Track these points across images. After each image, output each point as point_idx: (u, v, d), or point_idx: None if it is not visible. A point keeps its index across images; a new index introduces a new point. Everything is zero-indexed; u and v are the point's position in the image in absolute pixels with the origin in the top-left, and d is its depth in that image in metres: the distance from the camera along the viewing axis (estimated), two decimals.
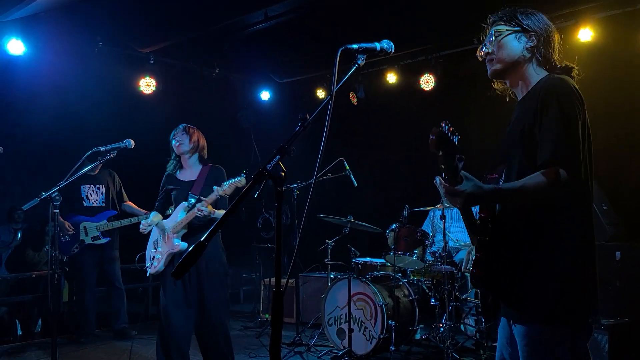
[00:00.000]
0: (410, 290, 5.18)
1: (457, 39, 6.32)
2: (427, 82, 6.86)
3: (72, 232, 5.51)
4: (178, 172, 4.09)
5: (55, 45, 6.36)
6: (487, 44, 2.06)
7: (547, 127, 1.84)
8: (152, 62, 6.94)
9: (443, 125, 1.69)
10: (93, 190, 5.71)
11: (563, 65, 2.08)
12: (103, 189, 5.81)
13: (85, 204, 5.67)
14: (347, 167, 5.49)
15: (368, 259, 5.86)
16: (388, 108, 7.61)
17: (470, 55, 6.25)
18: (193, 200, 3.84)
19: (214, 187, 3.75)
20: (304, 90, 8.41)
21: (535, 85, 2.00)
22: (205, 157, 4.14)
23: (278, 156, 1.67)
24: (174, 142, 4.01)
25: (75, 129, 7.64)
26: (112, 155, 3.77)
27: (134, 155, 4.40)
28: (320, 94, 8.06)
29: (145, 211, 5.64)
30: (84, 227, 5.59)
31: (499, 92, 2.19)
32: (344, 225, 5.45)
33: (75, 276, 5.87)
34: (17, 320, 5.92)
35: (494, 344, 4.47)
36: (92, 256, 5.68)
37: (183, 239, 3.88)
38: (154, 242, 4.05)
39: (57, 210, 3.51)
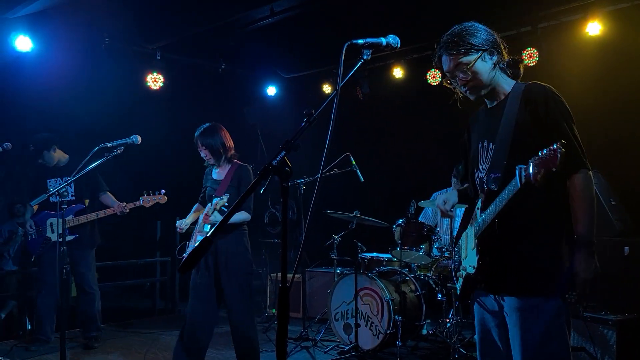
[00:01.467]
0: (417, 286, 5.18)
1: None
2: (434, 77, 6.84)
3: (33, 230, 5.18)
4: (215, 168, 4.15)
5: (63, 42, 6.39)
6: (460, 75, 2.22)
7: (565, 133, 2.09)
8: (158, 57, 6.95)
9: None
10: (60, 183, 5.08)
11: (510, 59, 2.31)
12: (62, 181, 5.16)
13: (52, 199, 5.12)
14: (354, 162, 5.49)
15: (374, 254, 5.86)
16: (394, 103, 7.59)
17: None
18: (213, 202, 3.89)
19: (214, 200, 3.79)
20: (310, 85, 8.40)
21: (513, 92, 2.23)
22: (231, 155, 4.12)
23: (284, 152, 1.67)
24: (203, 154, 4.07)
25: (82, 125, 7.68)
26: (119, 151, 3.76)
27: (141, 151, 4.41)
28: (327, 89, 8.05)
29: (123, 203, 5.07)
30: (50, 223, 5.19)
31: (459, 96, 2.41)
32: (350, 220, 5.45)
33: (37, 276, 5.39)
34: (26, 316, 5.95)
35: None
36: (51, 268, 5.04)
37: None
38: (192, 234, 4.12)
39: (65, 206, 3.52)
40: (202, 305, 3.93)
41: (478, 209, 2.23)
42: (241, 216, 4.00)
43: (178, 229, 4.11)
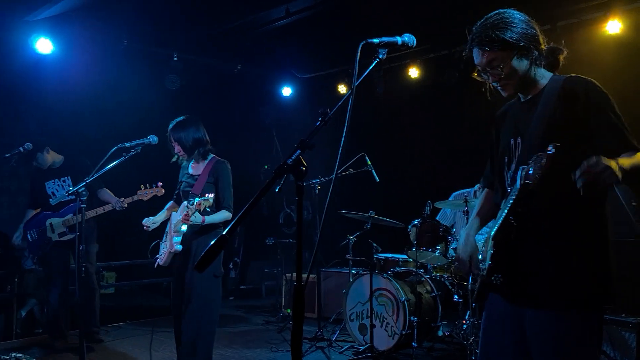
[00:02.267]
0: (433, 287, 5.15)
1: None
2: (450, 76, 6.79)
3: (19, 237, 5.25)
4: (191, 163, 3.95)
5: (82, 44, 6.48)
6: (492, 71, 2.06)
7: (609, 122, 1.94)
8: (175, 59, 7.00)
9: None
10: (59, 185, 5.28)
11: (547, 48, 2.12)
12: (69, 180, 5.29)
13: (51, 201, 5.22)
14: (369, 162, 5.47)
15: (390, 255, 5.84)
16: (410, 103, 7.56)
17: None
18: (193, 201, 3.63)
19: (196, 199, 3.51)
20: (325, 85, 8.41)
21: (550, 86, 2.07)
22: (206, 149, 3.88)
23: (299, 150, 1.67)
24: (177, 149, 3.88)
25: (101, 126, 7.77)
26: (136, 151, 3.80)
27: (159, 151, 4.45)
28: (342, 89, 8.05)
29: (121, 198, 4.98)
30: (50, 223, 5.19)
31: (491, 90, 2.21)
32: (365, 220, 5.44)
33: (45, 275, 5.47)
34: (45, 313, 6.04)
35: None
36: (62, 254, 5.25)
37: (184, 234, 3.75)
38: (165, 234, 3.95)
39: (84, 205, 3.56)
40: (178, 302, 3.79)
41: (501, 208, 2.10)
42: (222, 215, 3.77)
43: (144, 227, 3.93)
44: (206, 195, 3.52)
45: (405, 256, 5.52)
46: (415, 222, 5.19)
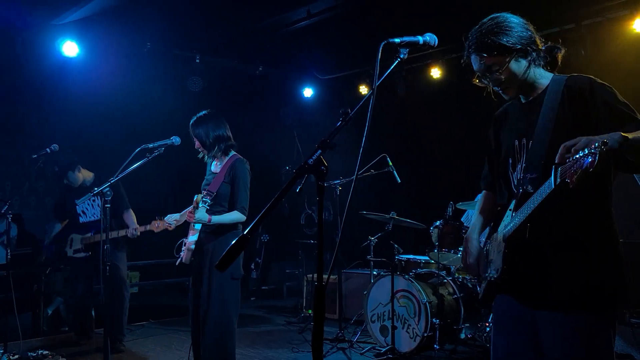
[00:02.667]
0: (455, 288, 5.10)
1: None
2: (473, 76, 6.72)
3: (50, 248, 5.32)
4: (214, 160, 3.89)
5: (107, 47, 6.60)
6: (491, 76, 2.07)
7: (622, 112, 1.92)
8: (197, 61, 7.07)
9: None
10: (89, 204, 5.34)
11: (544, 47, 2.11)
12: (98, 200, 5.28)
13: (81, 219, 5.31)
14: (390, 163, 5.45)
15: (411, 256, 5.81)
16: (432, 103, 7.51)
17: None
18: (207, 201, 3.65)
19: (195, 196, 3.55)
20: (347, 86, 8.40)
21: (552, 86, 2.06)
22: (227, 145, 3.79)
23: (320, 150, 1.67)
24: (196, 145, 3.87)
25: (125, 127, 7.89)
26: (159, 152, 3.84)
27: (181, 152, 4.50)
28: (363, 90, 8.04)
29: (139, 227, 4.92)
30: (71, 238, 5.29)
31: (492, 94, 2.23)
32: (386, 221, 5.42)
33: (71, 274, 5.59)
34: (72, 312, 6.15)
35: None
36: (84, 268, 5.30)
37: (202, 234, 3.75)
38: (188, 232, 3.89)
39: (109, 205, 3.62)
40: (196, 304, 3.76)
41: (510, 210, 2.08)
42: (233, 216, 3.66)
43: (166, 225, 3.94)
44: (212, 191, 3.54)
45: (427, 257, 5.49)
46: (437, 223, 5.15)
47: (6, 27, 5.84)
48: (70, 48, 6.21)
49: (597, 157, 1.57)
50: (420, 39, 1.97)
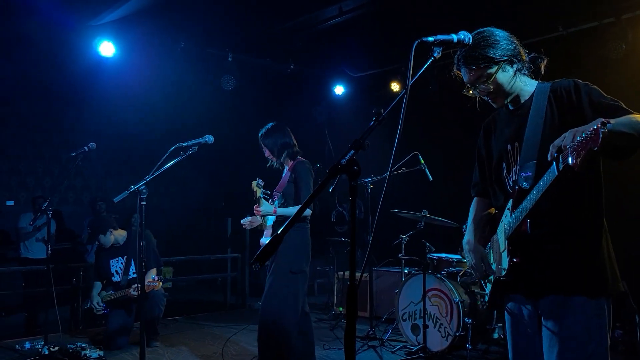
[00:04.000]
0: None
1: (539, 27, 6.03)
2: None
3: (101, 307, 5.40)
4: (286, 167, 4.21)
5: (142, 47, 6.72)
6: (481, 86, 2.21)
7: (609, 104, 2.01)
8: (230, 59, 7.14)
9: None
10: (121, 263, 5.48)
11: (528, 57, 2.24)
12: (122, 260, 5.48)
13: (114, 279, 5.44)
14: (422, 161, 5.42)
15: (444, 255, 5.75)
16: (464, 101, 7.40)
17: (553, 44, 5.94)
18: (277, 202, 3.98)
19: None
20: (378, 84, 8.35)
21: (538, 91, 2.18)
22: (293, 151, 4.15)
23: (352, 151, 1.67)
24: (266, 154, 4.18)
25: (159, 125, 8.05)
26: (193, 151, 3.90)
27: (215, 150, 4.56)
28: (395, 87, 7.98)
29: (137, 286, 4.94)
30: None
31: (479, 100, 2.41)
32: (418, 220, 5.39)
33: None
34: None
35: None
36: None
37: (272, 232, 4.05)
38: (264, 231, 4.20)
39: (144, 203, 3.69)
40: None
41: (508, 209, 2.16)
42: (296, 209, 3.89)
43: (243, 226, 4.20)
44: (280, 192, 3.88)
45: (459, 256, 5.43)
46: None
47: (45, 29, 6.00)
48: (106, 48, 6.35)
49: (600, 136, 1.62)
50: (454, 37, 1.96)
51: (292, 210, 3.93)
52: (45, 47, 6.41)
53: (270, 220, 3.99)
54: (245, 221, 4.15)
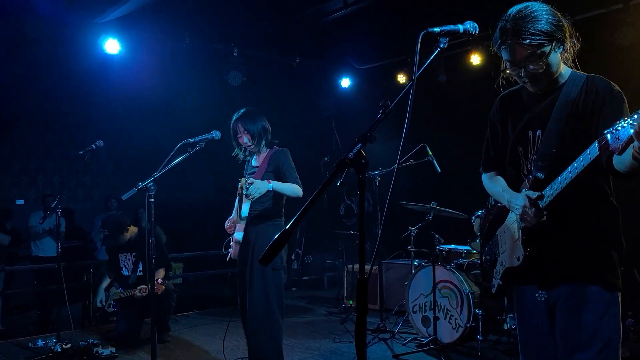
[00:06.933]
0: None
1: None
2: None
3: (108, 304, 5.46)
4: (255, 156, 4.02)
5: (147, 43, 6.73)
6: (531, 66, 1.98)
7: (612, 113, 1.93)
8: (236, 54, 7.13)
9: None
10: (130, 259, 5.55)
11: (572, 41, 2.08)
12: (130, 256, 5.55)
13: (123, 272, 5.52)
14: (430, 153, 5.39)
15: (453, 246, 5.73)
16: (472, 90, 7.36)
17: None
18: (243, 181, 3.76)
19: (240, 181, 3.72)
20: (385, 75, 8.31)
21: (571, 80, 2.06)
22: (270, 138, 3.95)
23: (360, 144, 1.66)
24: (245, 139, 3.90)
25: (166, 122, 8.06)
26: (200, 146, 3.89)
27: (221, 145, 4.56)
28: (401, 78, 7.94)
29: (142, 287, 5.14)
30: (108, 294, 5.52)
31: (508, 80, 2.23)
32: (427, 212, 5.37)
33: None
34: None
35: None
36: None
37: (246, 226, 3.85)
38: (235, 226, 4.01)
39: (153, 200, 3.69)
40: (243, 295, 3.87)
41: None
42: (291, 186, 3.78)
43: (228, 229, 4.01)
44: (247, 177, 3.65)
45: (468, 248, 5.41)
46: (479, 212, 5.06)
47: (50, 27, 6.02)
48: (112, 45, 6.35)
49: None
50: (460, 27, 1.93)
51: (286, 186, 3.75)
52: (51, 46, 6.43)
53: (245, 211, 3.76)
54: (227, 225, 4.02)
